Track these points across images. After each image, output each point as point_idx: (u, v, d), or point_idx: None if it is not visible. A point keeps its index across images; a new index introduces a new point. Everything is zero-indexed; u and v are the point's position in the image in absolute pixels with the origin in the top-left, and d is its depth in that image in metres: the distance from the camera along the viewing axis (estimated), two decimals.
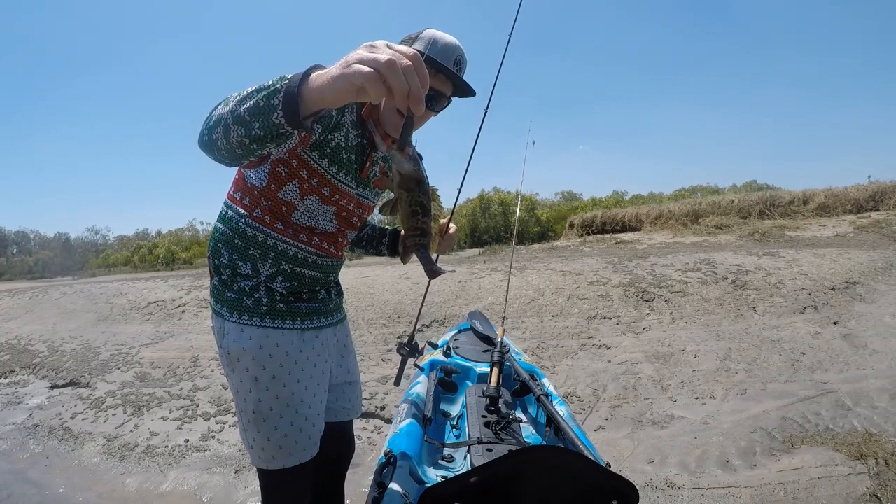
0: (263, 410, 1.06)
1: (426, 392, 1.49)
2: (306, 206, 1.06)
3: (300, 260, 1.09)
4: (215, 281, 1.12)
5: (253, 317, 1.06)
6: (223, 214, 1.11)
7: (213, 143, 0.83)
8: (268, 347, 1.06)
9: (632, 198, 21.65)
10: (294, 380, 1.08)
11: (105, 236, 46.07)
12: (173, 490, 2.38)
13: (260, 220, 1.06)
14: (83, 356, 4.77)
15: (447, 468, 1.17)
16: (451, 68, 1.05)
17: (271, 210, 1.05)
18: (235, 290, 1.07)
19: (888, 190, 10.24)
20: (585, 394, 3.12)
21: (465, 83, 1.08)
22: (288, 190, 1.04)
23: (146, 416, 3.29)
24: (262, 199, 1.05)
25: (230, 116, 0.77)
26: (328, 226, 1.12)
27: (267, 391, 1.05)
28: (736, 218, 10.37)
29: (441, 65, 1.03)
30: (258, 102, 0.73)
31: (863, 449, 2.19)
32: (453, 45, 1.05)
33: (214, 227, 1.13)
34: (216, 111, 0.81)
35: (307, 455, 1.10)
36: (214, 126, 0.81)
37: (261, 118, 0.73)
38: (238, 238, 1.07)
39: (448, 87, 1.08)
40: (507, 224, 15.96)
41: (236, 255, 1.07)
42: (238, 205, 1.08)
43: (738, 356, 3.49)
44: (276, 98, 0.71)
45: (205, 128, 0.83)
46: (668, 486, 2.07)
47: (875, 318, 4.05)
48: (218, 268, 1.10)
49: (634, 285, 5.13)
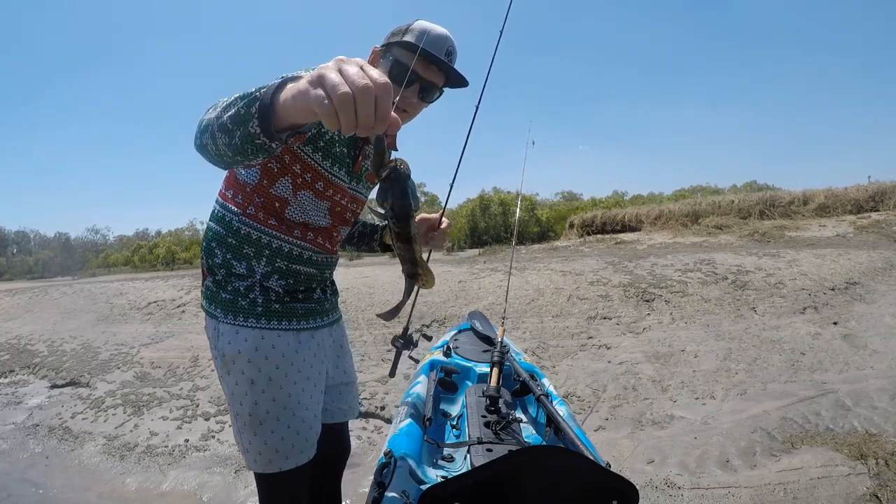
0: (260, 413, 1.05)
1: (426, 392, 1.49)
2: (300, 201, 1.05)
3: (295, 256, 1.08)
4: (209, 282, 1.10)
5: (248, 318, 1.05)
6: (215, 213, 1.09)
7: (204, 148, 0.82)
8: (263, 349, 1.04)
9: (632, 198, 21.67)
10: (290, 381, 1.07)
11: (105, 236, 46.06)
12: (173, 490, 2.38)
13: (253, 217, 1.04)
14: (83, 356, 4.77)
15: (447, 468, 1.17)
16: (442, 59, 1.03)
17: (264, 206, 1.04)
18: (230, 290, 1.06)
19: (888, 190, 10.24)
20: (585, 394, 3.12)
21: (456, 73, 1.07)
22: (280, 186, 1.03)
23: (146, 415, 3.29)
24: (255, 195, 1.04)
25: (215, 123, 0.76)
26: (322, 221, 1.10)
27: (263, 394, 1.04)
28: (736, 218, 10.37)
29: (433, 55, 1.01)
30: (239, 111, 0.72)
31: (863, 449, 2.19)
32: (444, 36, 1.04)
33: (207, 227, 1.12)
34: (205, 116, 0.81)
35: (304, 458, 1.09)
36: (203, 132, 0.80)
37: (241, 127, 0.72)
38: (232, 237, 1.05)
39: (440, 77, 1.06)
40: (506, 224, 15.96)
41: (230, 254, 1.06)
42: (230, 202, 1.07)
43: (738, 356, 3.49)
44: (253, 107, 0.70)
45: (197, 132, 0.83)
46: (668, 486, 2.07)
47: (875, 319, 4.05)
48: (212, 268, 1.09)
49: (634, 285, 5.13)
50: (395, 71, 1.02)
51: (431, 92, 1.07)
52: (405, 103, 1.04)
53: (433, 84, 1.06)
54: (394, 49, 1.04)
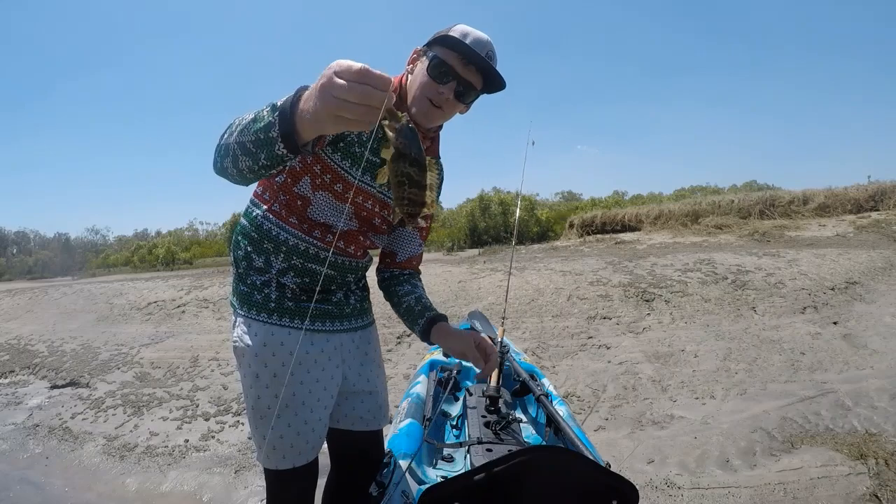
0: (261, 408, 1.05)
1: (426, 392, 1.49)
2: (318, 201, 1.06)
3: (311, 256, 1.08)
4: (233, 273, 1.15)
5: (260, 312, 1.07)
6: (246, 209, 1.14)
7: (224, 171, 0.86)
8: (272, 345, 1.05)
9: (632, 198, 21.62)
10: (296, 381, 1.06)
11: (105, 236, 45.94)
12: (173, 490, 2.38)
13: (276, 214, 1.07)
14: (83, 356, 4.77)
15: (447, 468, 1.17)
16: (482, 57, 1.02)
17: (288, 204, 1.07)
18: (248, 283, 1.10)
19: (888, 190, 10.23)
20: (585, 394, 3.12)
21: (496, 74, 1.05)
22: (302, 184, 1.05)
23: (146, 416, 3.29)
24: (280, 193, 1.07)
25: (237, 147, 0.80)
26: (346, 224, 1.10)
27: (267, 389, 1.05)
28: (736, 218, 10.36)
29: (473, 54, 1.00)
30: (258, 136, 0.75)
31: (863, 449, 2.19)
32: (485, 40, 1.03)
33: (238, 222, 1.17)
34: (223, 140, 0.84)
35: (302, 459, 1.08)
36: (224, 155, 0.84)
37: (265, 150, 0.75)
38: (255, 231, 1.09)
39: (478, 79, 1.05)
40: (506, 224, 15.92)
41: (251, 247, 1.10)
42: (259, 199, 1.12)
43: (738, 356, 3.49)
44: (273, 131, 0.73)
45: (216, 156, 0.87)
46: (668, 486, 2.07)
47: (875, 318, 4.04)
48: (236, 260, 1.14)
49: (634, 285, 5.13)
50: (434, 67, 1.02)
51: (468, 93, 1.06)
52: (440, 100, 1.03)
53: (471, 85, 1.04)
54: (434, 47, 1.04)
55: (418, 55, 1.08)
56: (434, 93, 1.02)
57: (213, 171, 0.90)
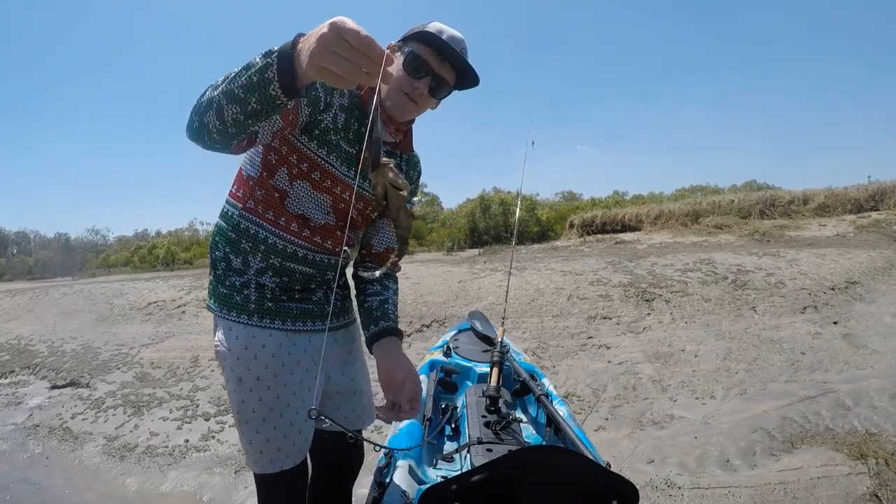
0: (245, 412, 1.04)
1: (426, 392, 1.49)
2: (296, 191, 1.04)
3: (289, 254, 1.07)
4: (211, 276, 1.12)
5: (241, 314, 1.05)
6: (223, 210, 1.12)
7: (203, 128, 0.85)
8: (253, 348, 1.04)
9: (632, 198, 21.64)
10: (280, 383, 1.05)
11: (105, 237, 45.98)
12: (173, 490, 2.38)
13: (252, 211, 1.05)
14: (83, 356, 4.77)
15: (447, 468, 1.17)
16: (458, 52, 1.03)
17: (264, 199, 1.05)
18: (227, 285, 1.07)
19: (888, 190, 10.24)
20: (585, 394, 3.12)
21: (470, 69, 1.06)
22: (279, 177, 1.03)
23: (146, 416, 3.29)
24: (256, 188, 1.05)
25: (223, 97, 0.80)
26: (324, 217, 1.09)
27: (250, 392, 1.03)
28: (736, 218, 10.37)
29: (449, 49, 1.02)
30: (251, 79, 0.77)
31: (863, 449, 2.19)
32: (458, 38, 1.05)
33: (215, 224, 1.14)
34: (204, 97, 0.84)
35: (290, 462, 1.07)
36: (206, 109, 0.83)
37: (257, 92, 0.77)
38: (232, 231, 1.07)
39: (451, 75, 1.06)
40: (507, 224, 15.93)
41: (229, 248, 1.08)
42: (234, 198, 1.09)
43: (738, 356, 3.49)
44: (270, 71, 0.75)
45: (194, 115, 0.85)
46: (668, 485, 2.08)
47: (875, 318, 4.05)
48: (214, 262, 1.11)
49: (634, 285, 5.13)
50: (409, 62, 1.03)
51: (442, 88, 1.07)
52: (416, 94, 1.05)
53: (444, 80, 1.06)
54: (410, 42, 1.05)
55: (392, 50, 1.08)
56: (409, 87, 1.03)
57: (185, 135, 0.89)
